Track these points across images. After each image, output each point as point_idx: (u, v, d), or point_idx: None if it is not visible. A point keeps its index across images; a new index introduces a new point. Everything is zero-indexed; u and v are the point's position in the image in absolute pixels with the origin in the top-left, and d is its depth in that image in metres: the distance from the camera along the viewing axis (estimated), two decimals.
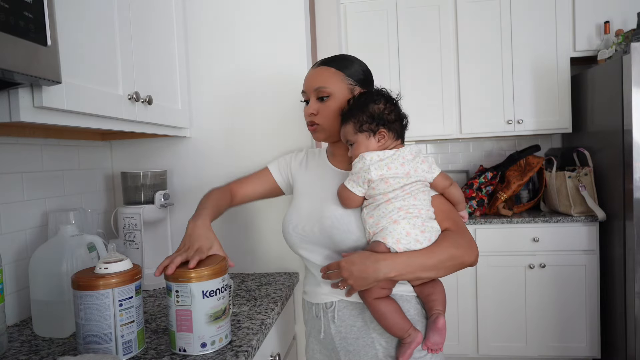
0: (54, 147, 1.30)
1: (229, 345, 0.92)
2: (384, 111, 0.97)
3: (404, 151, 0.96)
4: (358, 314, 1.01)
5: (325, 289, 1.04)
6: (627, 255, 2.21)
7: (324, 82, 1.04)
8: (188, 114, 1.50)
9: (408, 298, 1.00)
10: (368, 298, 0.95)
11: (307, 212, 1.07)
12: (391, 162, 0.93)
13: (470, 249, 0.95)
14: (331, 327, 1.04)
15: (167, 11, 1.38)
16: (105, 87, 1.03)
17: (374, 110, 0.96)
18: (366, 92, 1.02)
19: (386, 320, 0.94)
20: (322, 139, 1.09)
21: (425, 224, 0.93)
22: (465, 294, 2.55)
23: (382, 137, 0.97)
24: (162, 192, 1.42)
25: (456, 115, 2.79)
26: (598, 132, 2.48)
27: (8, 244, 1.12)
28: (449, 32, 2.76)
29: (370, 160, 0.94)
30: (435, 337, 0.95)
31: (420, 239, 0.91)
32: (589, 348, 2.46)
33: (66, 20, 0.89)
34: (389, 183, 0.93)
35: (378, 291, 0.93)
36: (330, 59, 1.08)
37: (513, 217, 2.53)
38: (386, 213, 0.92)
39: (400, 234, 0.91)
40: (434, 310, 0.97)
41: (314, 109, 1.05)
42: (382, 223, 0.93)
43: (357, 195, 0.96)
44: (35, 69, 0.72)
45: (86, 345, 0.84)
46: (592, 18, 2.59)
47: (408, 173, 0.93)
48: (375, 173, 0.92)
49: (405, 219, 0.92)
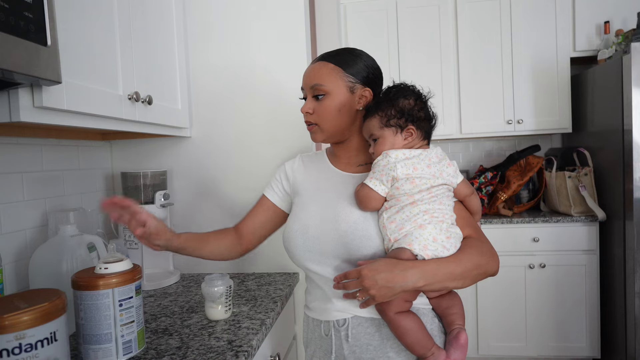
0: (54, 147, 1.30)
1: (229, 345, 0.92)
2: (414, 107, 0.90)
3: (430, 152, 0.90)
4: (375, 331, 0.91)
5: (337, 304, 0.94)
6: (627, 255, 2.21)
7: (321, 79, 0.96)
8: (188, 114, 1.50)
9: (424, 311, 0.92)
10: (389, 313, 0.85)
11: (318, 219, 0.96)
12: (418, 162, 0.87)
13: (493, 257, 0.89)
14: (344, 347, 0.93)
15: (167, 11, 1.38)
16: (105, 87, 1.03)
17: (404, 105, 0.90)
18: (396, 86, 0.95)
19: (409, 337, 0.85)
20: (321, 140, 1.02)
21: (450, 230, 0.86)
22: (466, 294, 2.55)
23: (410, 135, 0.90)
24: (162, 192, 1.42)
25: (456, 115, 2.79)
26: (598, 132, 2.48)
27: (8, 244, 1.12)
28: (449, 32, 2.76)
29: (396, 157, 0.87)
30: (457, 354, 0.86)
31: (447, 245, 0.84)
32: (589, 348, 2.46)
33: (66, 20, 0.89)
34: (415, 183, 0.86)
35: (401, 304, 0.85)
36: (333, 53, 1.00)
37: (513, 217, 2.53)
38: (410, 217, 0.85)
39: (427, 239, 0.83)
40: (455, 325, 0.90)
41: (310, 108, 0.98)
42: (406, 228, 0.85)
43: (380, 194, 0.88)
44: (36, 69, 0.72)
45: (86, 345, 0.84)
46: (592, 18, 2.59)
47: (434, 175, 0.87)
48: (401, 171, 0.86)
49: (431, 224, 0.84)
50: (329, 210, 0.95)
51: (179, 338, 0.98)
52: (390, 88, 0.95)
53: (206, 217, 1.55)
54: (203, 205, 1.54)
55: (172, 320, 1.09)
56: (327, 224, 0.94)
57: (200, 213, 1.55)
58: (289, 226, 1.00)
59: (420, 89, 0.95)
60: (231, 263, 1.54)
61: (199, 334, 0.99)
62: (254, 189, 1.50)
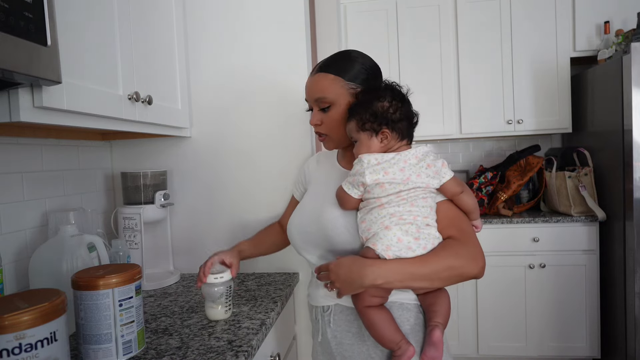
0: (54, 147, 1.30)
1: (229, 345, 0.92)
2: (388, 109, 0.91)
3: (407, 154, 0.90)
4: (354, 319, 0.97)
5: (322, 291, 1.02)
6: (627, 255, 2.21)
7: (323, 92, 0.99)
8: (188, 114, 1.49)
9: (409, 307, 0.95)
10: (358, 305, 0.91)
11: (308, 212, 1.05)
12: (389, 166, 0.88)
13: (474, 260, 0.88)
14: (327, 331, 1.01)
15: (167, 11, 1.38)
16: (105, 87, 1.03)
17: (377, 109, 0.91)
18: (372, 88, 0.97)
19: (375, 330, 0.90)
20: (333, 147, 1.07)
21: (420, 231, 0.87)
22: (465, 294, 2.55)
23: (385, 137, 0.92)
24: (162, 192, 1.42)
25: (456, 115, 2.79)
26: (598, 132, 2.48)
27: (8, 244, 1.12)
28: (449, 32, 2.76)
29: (368, 163, 0.89)
30: (431, 351, 0.88)
31: (412, 247, 0.86)
32: (589, 348, 2.46)
33: (66, 20, 0.89)
34: (385, 188, 0.88)
35: (368, 299, 0.89)
36: (329, 61, 1.02)
37: (513, 217, 2.53)
38: (378, 218, 0.88)
39: (390, 240, 0.86)
40: (432, 322, 0.91)
41: (318, 120, 1.02)
42: (373, 228, 0.89)
43: (353, 197, 0.92)
44: (36, 69, 0.72)
45: (86, 345, 0.84)
46: (592, 18, 2.59)
47: (408, 178, 0.88)
48: (370, 177, 0.88)
49: (397, 225, 0.87)
50: (317, 205, 1.03)
51: (179, 338, 0.98)
52: (367, 90, 0.98)
53: (206, 217, 1.55)
54: (203, 205, 1.54)
55: (172, 320, 1.09)
56: (313, 218, 1.02)
57: (200, 213, 1.55)
58: (291, 219, 1.09)
59: (400, 87, 0.96)
60: None
61: (199, 334, 0.99)
62: (254, 189, 1.50)
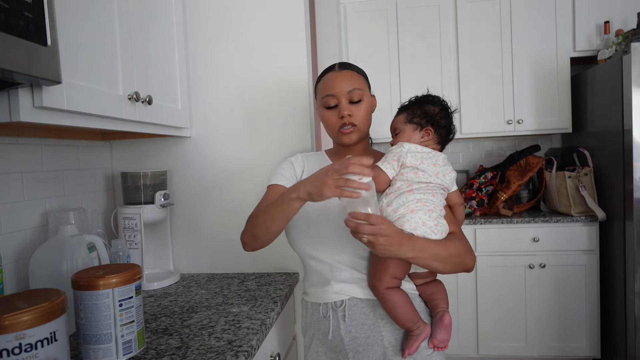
0: (54, 147, 1.30)
1: (229, 345, 0.92)
2: (438, 114, 1.04)
3: (439, 155, 1.02)
4: (370, 311, 1.02)
5: (335, 287, 1.04)
6: (627, 255, 2.21)
7: (358, 84, 1.09)
8: (188, 114, 1.49)
9: (412, 296, 1.03)
10: (380, 288, 0.97)
11: (319, 207, 1.04)
12: (426, 158, 0.99)
13: (471, 254, 1.01)
14: (341, 327, 1.03)
15: (167, 11, 1.38)
16: (105, 87, 1.03)
17: (429, 109, 1.04)
18: (428, 94, 1.09)
19: (397, 310, 0.96)
20: (356, 140, 1.11)
21: (438, 220, 0.97)
22: (465, 294, 2.55)
23: (427, 134, 1.03)
24: (162, 192, 1.42)
25: (456, 115, 2.78)
26: (598, 132, 2.48)
27: (8, 244, 1.12)
28: (449, 32, 2.76)
29: (409, 149, 1.00)
30: (442, 334, 0.98)
31: (435, 231, 0.96)
32: (589, 348, 2.46)
33: (66, 20, 0.89)
34: (418, 174, 0.98)
35: (390, 280, 0.96)
36: (349, 64, 1.14)
37: (513, 217, 2.53)
38: (406, 202, 0.96)
39: (417, 222, 0.95)
40: (439, 308, 1.00)
41: (350, 111, 1.07)
42: (400, 211, 0.96)
43: (388, 176, 0.99)
44: (35, 69, 0.72)
45: (86, 345, 0.84)
46: (592, 18, 2.59)
47: (437, 174, 0.99)
48: (410, 160, 0.98)
49: (422, 210, 0.96)
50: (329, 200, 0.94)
51: (179, 338, 0.98)
52: (423, 95, 1.09)
53: (206, 217, 1.55)
54: (203, 205, 1.54)
55: (172, 320, 1.09)
56: (324, 210, 1.04)
57: (200, 213, 1.55)
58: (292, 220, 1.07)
59: (449, 104, 1.08)
60: (231, 263, 1.54)
61: (199, 334, 0.99)
62: (254, 189, 1.50)
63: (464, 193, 2.69)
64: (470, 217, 2.58)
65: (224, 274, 1.52)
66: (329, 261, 1.05)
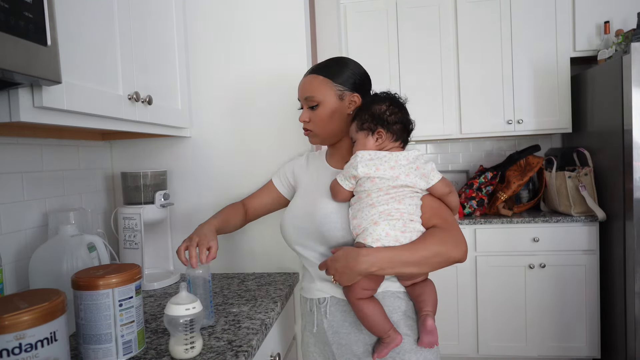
0: (54, 147, 1.30)
1: (229, 345, 0.92)
2: (385, 112, 1.00)
3: (398, 155, 0.97)
4: (350, 310, 1.03)
5: (318, 284, 1.09)
6: (627, 255, 2.21)
7: (312, 91, 1.09)
8: (188, 114, 1.49)
9: (399, 295, 1.03)
10: (351, 298, 0.98)
11: (302, 209, 1.11)
12: (380, 163, 0.96)
13: (458, 245, 0.95)
14: (324, 322, 1.07)
15: (167, 11, 1.38)
16: (105, 87, 1.03)
17: (375, 110, 1.00)
18: (375, 94, 1.07)
19: (367, 320, 0.97)
20: (317, 143, 1.16)
21: (406, 225, 0.94)
22: (465, 294, 2.55)
23: (380, 137, 1.00)
24: (162, 192, 1.42)
25: (456, 115, 2.79)
26: (598, 132, 2.48)
27: (8, 244, 1.12)
28: (449, 32, 2.76)
29: (361, 157, 0.97)
30: (427, 338, 0.98)
31: (400, 239, 0.94)
32: (589, 348, 2.46)
33: (66, 20, 0.89)
34: (375, 182, 0.95)
35: (360, 291, 0.96)
36: (322, 65, 1.12)
37: (513, 217, 2.53)
38: (368, 216, 0.95)
39: (379, 234, 0.93)
40: (423, 312, 0.99)
41: (306, 117, 1.11)
42: (363, 225, 0.96)
43: (345, 189, 1.00)
44: (35, 69, 0.72)
45: (86, 345, 0.84)
46: (592, 18, 2.59)
47: (397, 176, 0.95)
48: (361, 170, 0.95)
49: (385, 221, 0.94)
50: (310, 203, 1.09)
51: None
52: (372, 96, 1.08)
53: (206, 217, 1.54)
54: (203, 205, 1.54)
55: None
56: (307, 215, 1.08)
57: (200, 213, 1.55)
58: (284, 216, 1.15)
59: (399, 96, 1.05)
60: (231, 263, 1.54)
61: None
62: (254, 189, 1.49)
63: (464, 193, 2.69)
64: (470, 217, 2.58)
65: (224, 274, 1.52)
66: (312, 259, 1.09)
